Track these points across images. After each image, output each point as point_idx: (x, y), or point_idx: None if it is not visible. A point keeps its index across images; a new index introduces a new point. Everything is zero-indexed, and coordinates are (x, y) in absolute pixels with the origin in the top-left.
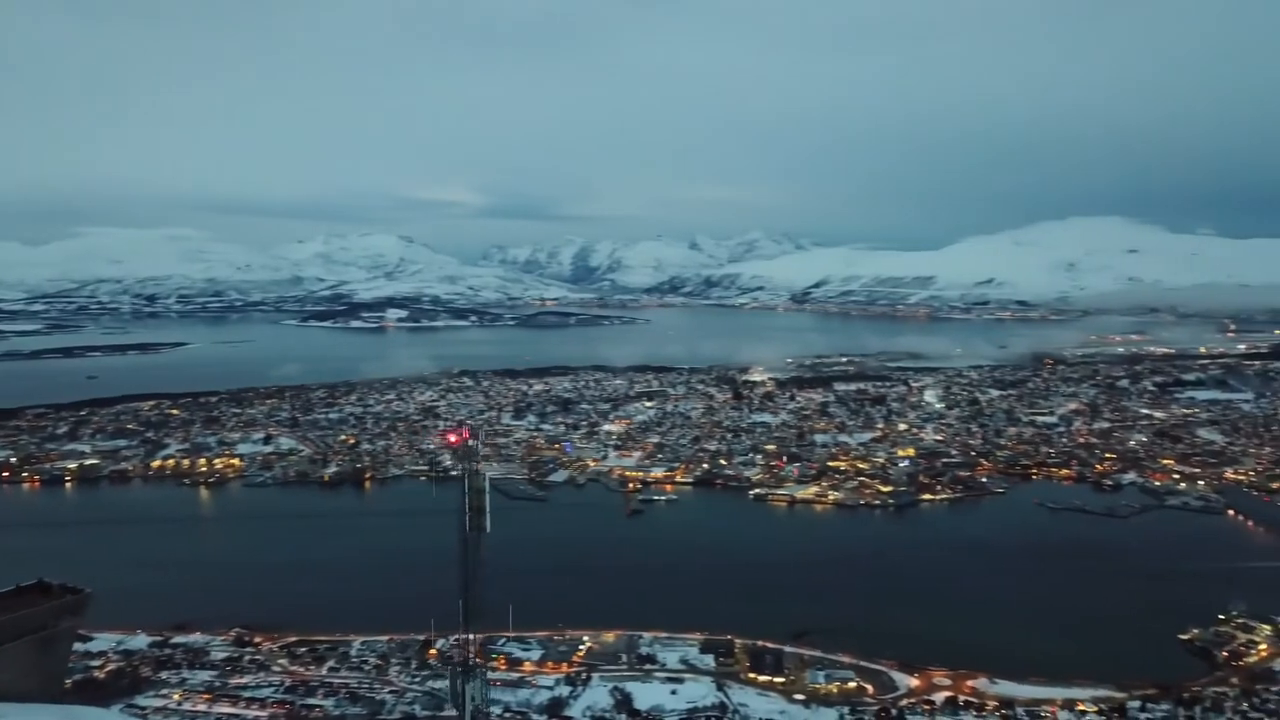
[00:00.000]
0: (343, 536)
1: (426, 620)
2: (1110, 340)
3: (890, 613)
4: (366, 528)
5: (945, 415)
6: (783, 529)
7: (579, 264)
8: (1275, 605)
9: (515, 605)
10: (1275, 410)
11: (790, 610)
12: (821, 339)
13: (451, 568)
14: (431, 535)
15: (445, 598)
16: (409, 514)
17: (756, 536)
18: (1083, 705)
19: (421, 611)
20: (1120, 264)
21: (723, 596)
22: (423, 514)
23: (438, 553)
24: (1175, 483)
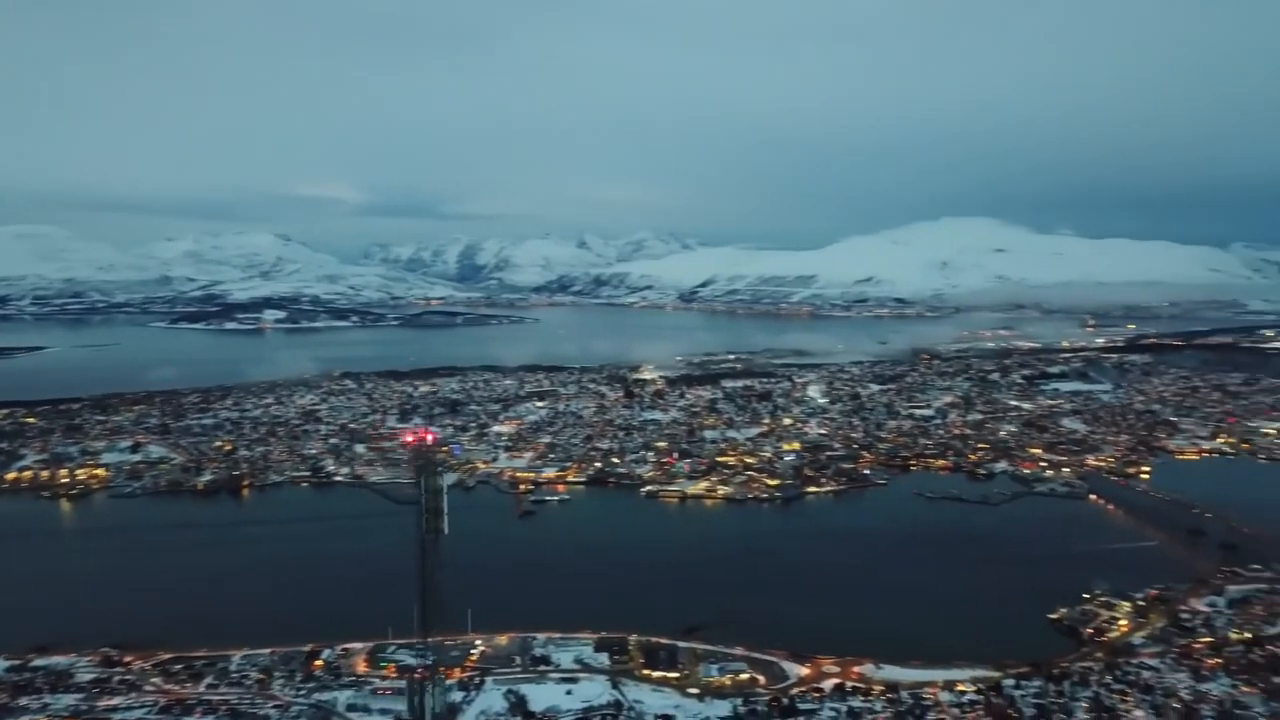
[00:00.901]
0: (220, 547)
1: (312, 630)
2: (981, 335)
3: (780, 604)
4: (246, 537)
5: (828, 410)
6: (674, 525)
7: (465, 263)
8: (1134, 583)
9: (405, 611)
10: (1131, 400)
11: (683, 605)
12: (710, 337)
13: (342, 575)
14: (317, 542)
15: (335, 605)
16: (291, 522)
17: (649, 533)
18: (962, 686)
19: (307, 621)
20: (989, 263)
21: (616, 594)
22: (306, 521)
23: (325, 560)
24: (1042, 470)
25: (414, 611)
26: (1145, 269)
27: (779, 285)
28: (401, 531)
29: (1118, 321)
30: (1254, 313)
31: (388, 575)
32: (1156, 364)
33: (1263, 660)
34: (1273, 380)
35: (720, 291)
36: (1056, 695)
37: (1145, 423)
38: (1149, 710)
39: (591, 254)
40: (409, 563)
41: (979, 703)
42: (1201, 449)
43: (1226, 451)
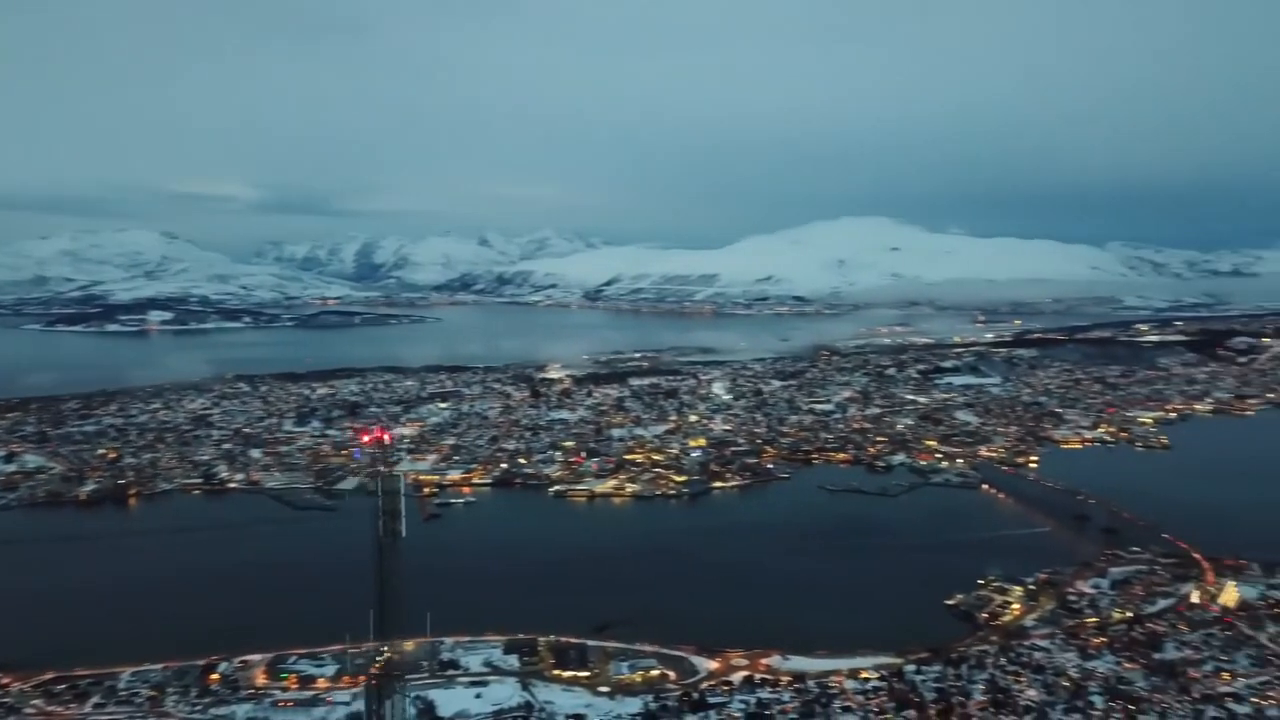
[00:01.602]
0: (106, 560)
1: (208, 642)
2: (878, 332)
3: (688, 599)
4: (133, 548)
5: (733, 406)
6: (583, 524)
7: (363, 261)
8: (1025, 568)
9: (307, 620)
10: (1019, 393)
11: (593, 604)
12: (616, 335)
13: (239, 584)
14: (211, 552)
15: (232, 616)
16: (182, 531)
17: (557, 533)
18: (866, 673)
19: (201, 634)
20: (884, 261)
21: (525, 595)
22: (199, 530)
23: (220, 570)
24: (938, 461)
25: (371, 616)
26: (1030, 267)
27: (682, 284)
28: (304, 537)
29: (1006, 317)
30: (1129, 308)
31: (290, 583)
32: (1042, 358)
33: (1143, 637)
34: (1148, 372)
35: (625, 290)
36: (955, 678)
37: (1032, 414)
38: (1041, 689)
39: (494, 252)
40: (313, 569)
41: (882, 689)
42: (1084, 438)
43: (1107, 440)
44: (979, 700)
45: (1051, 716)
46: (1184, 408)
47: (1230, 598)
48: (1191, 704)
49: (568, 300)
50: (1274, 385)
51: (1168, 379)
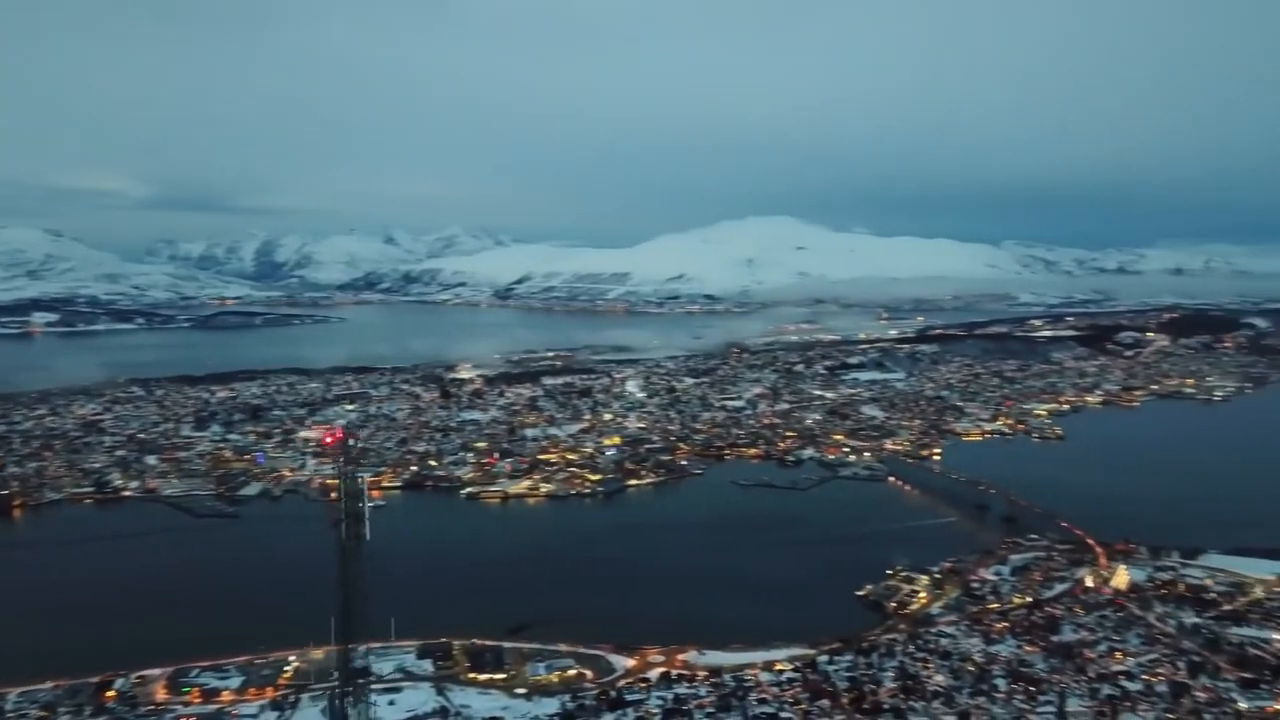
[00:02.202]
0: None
1: (103, 658)
2: (786, 329)
3: (605, 597)
4: (18, 562)
5: (646, 404)
6: (497, 525)
7: (263, 260)
8: (930, 557)
9: (211, 632)
10: (922, 387)
11: (508, 605)
12: (528, 334)
13: (136, 596)
14: (105, 563)
15: (129, 630)
16: (73, 543)
17: (471, 535)
18: (780, 665)
19: (96, 650)
20: (791, 260)
21: (438, 599)
22: (91, 541)
23: (115, 582)
24: (846, 455)
25: (331, 622)
26: (931, 265)
27: (594, 282)
28: (206, 546)
29: (908, 314)
30: (1024, 304)
31: (191, 593)
32: (943, 353)
33: (1042, 621)
34: (1042, 366)
35: (536, 288)
36: (866, 667)
37: (935, 408)
38: (948, 674)
39: (400, 250)
40: (216, 578)
41: (797, 680)
42: (984, 430)
43: (1005, 432)
44: (890, 687)
45: (958, 700)
46: (1076, 400)
47: (1121, 580)
48: (1088, 683)
49: (477, 299)
50: (1158, 377)
51: (1061, 372)
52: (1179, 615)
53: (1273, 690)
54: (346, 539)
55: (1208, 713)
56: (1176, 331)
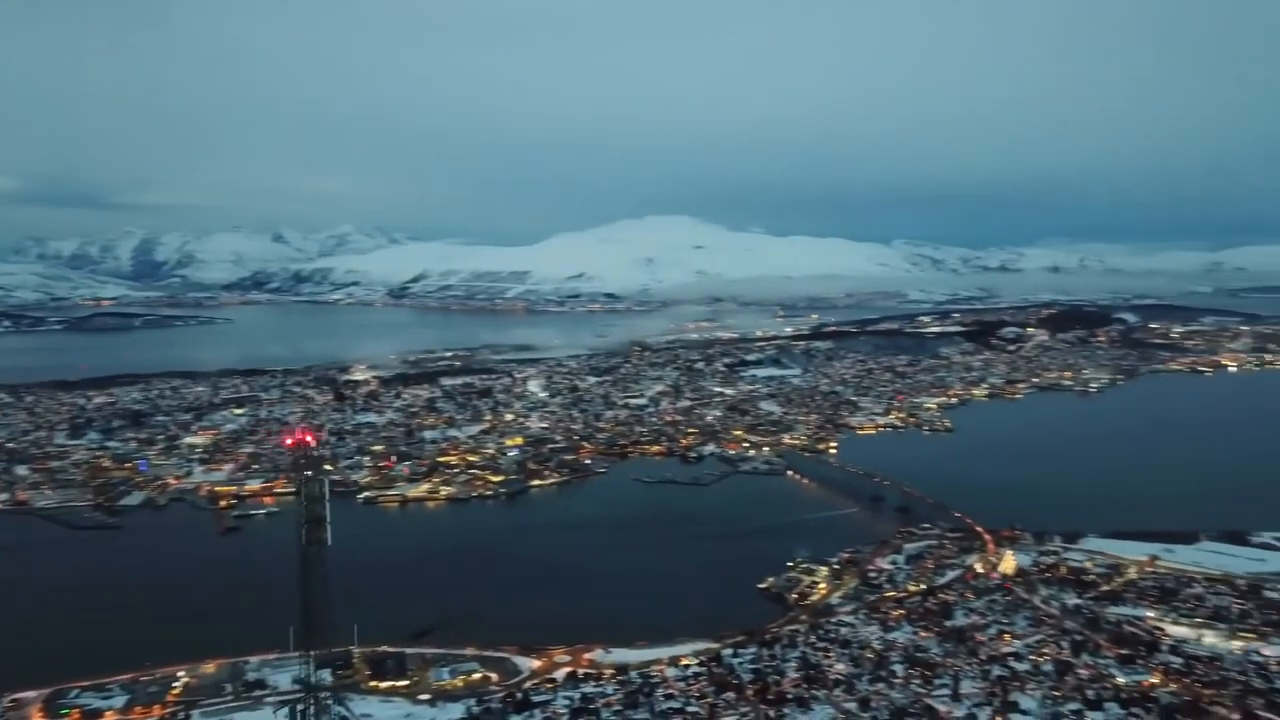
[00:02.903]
0: None
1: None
2: (687, 328)
3: (509, 599)
4: None
5: (549, 403)
6: (396, 530)
7: (142, 258)
8: (829, 549)
9: (92, 649)
10: (818, 383)
11: (410, 610)
12: (425, 334)
13: (8, 615)
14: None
15: (8, 649)
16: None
17: (368, 540)
18: (686, 660)
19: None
20: (690, 259)
21: (337, 606)
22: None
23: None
24: (746, 451)
25: (292, 629)
26: (824, 264)
27: (493, 281)
28: (84, 559)
29: (803, 312)
30: (913, 301)
31: (70, 608)
32: (837, 349)
33: (936, 607)
34: (931, 361)
35: (433, 287)
36: (770, 659)
37: (831, 403)
38: (848, 662)
39: (290, 248)
40: (97, 593)
41: (702, 674)
42: (877, 424)
43: (897, 425)
44: (793, 678)
45: (858, 687)
46: (963, 393)
47: (1008, 566)
48: (979, 665)
49: (371, 298)
50: (1038, 371)
51: (948, 367)
52: (1062, 597)
53: (1148, 665)
54: (307, 544)
55: (1090, 689)
56: (1054, 327)
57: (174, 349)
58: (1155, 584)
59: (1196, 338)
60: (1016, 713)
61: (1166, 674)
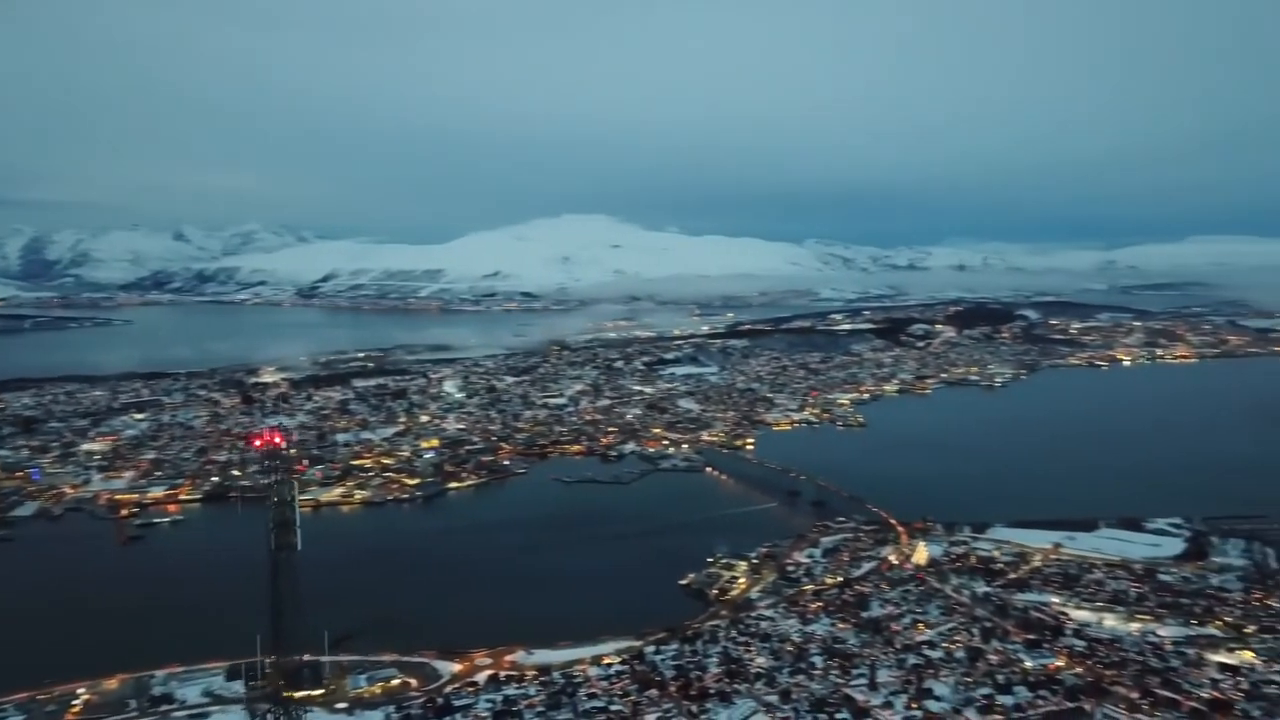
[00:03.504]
0: None
1: None
2: (605, 326)
3: (428, 603)
4: None
5: (465, 404)
6: (309, 535)
7: (31, 257)
8: (748, 544)
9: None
10: (734, 380)
11: (325, 617)
12: (337, 334)
13: None
14: None
15: None
16: None
17: None
18: (608, 659)
19: None
20: (607, 258)
21: (248, 616)
22: None
23: None
24: (665, 448)
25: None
26: (738, 263)
27: (406, 280)
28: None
29: (719, 310)
30: (825, 300)
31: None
32: (753, 347)
33: (852, 599)
34: (843, 357)
35: (343, 287)
36: (691, 655)
37: (747, 400)
38: (769, 656)
39: (192, 247)
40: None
41: (625, 672)
42: (793, 420)
43: (812, 421)
44: (715, 673)
45: (779, 680)
46: (875, 389)
47: (921, 556)
48: (895, 654)
49: (279, 298)
50: (946, 366)
51: (860, 363)
52: (972, 585)
53: (1053, 649)
54: (276, 549)
55: (999, 673)
56: (961, 323)
57: (68, 352)
58: (1059, 571)
59: (1093, 333)
60: (931, 699)
61: (1070, 657)
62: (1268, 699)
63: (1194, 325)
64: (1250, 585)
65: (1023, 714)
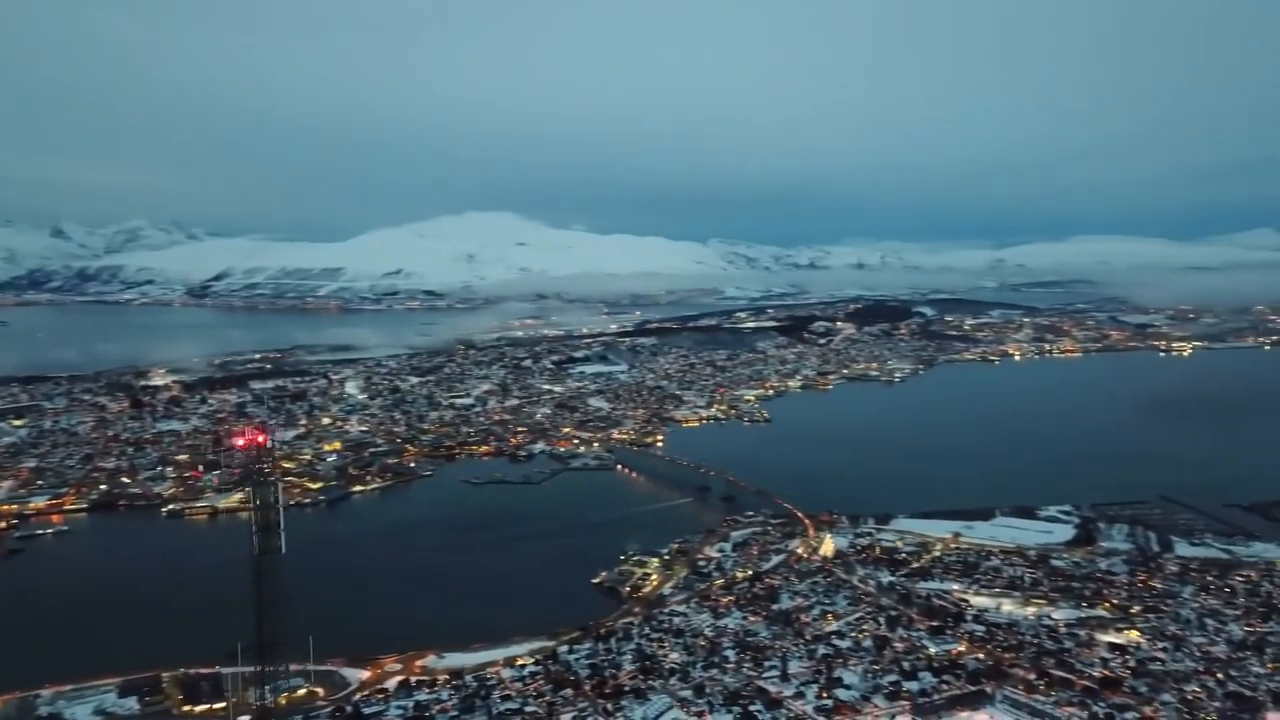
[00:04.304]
0: None
1: None
2: (512, 325)
3: (334, 610)
4: None
5: (369, 405)
6: (206, 544)
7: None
8: (660, 540)
9: None
10: (644, 378)
11: (225, 628)
12: (232, 335)
13: None
14: None
15: None
16: None
17: (175, 556)
18: (522, 659)
19: None
20: (512, 255)
21: (142, 629)
22: None
23: None
24: (576, 447)
25: None
26: (645, 261)
27: (304, 278)
28: None
29: (627, 309)
30: (730, 298)
31: None
32: (661, 345)
33: (763, 592)
34: (749, 355)
35: (238, 286)
36: (606, 653)
37: (656, 397)
38: (682, 651)
39: (72, 245)
40: None
41: (539, 673)
42: (701, 416)
43: (720, 417)
44: (629, 670)
45: (693, 675)
46: (779, 385)
47: (828, 549)
48: (805, 645)
49: (169, 298)
50: (847, 362)
51: (765, 360)
52: (877, 575)
53: (955, 635)
54: (260, 553)
55: (905, 660)
56: (861, 321)
57: None
58: (958, 559)
59: (986, 329)
60: (841, 688)
61: (972, 641)
62: (1153, 675)
63: (1079, 321)
64: (1134, 568)
65: (928, 699)
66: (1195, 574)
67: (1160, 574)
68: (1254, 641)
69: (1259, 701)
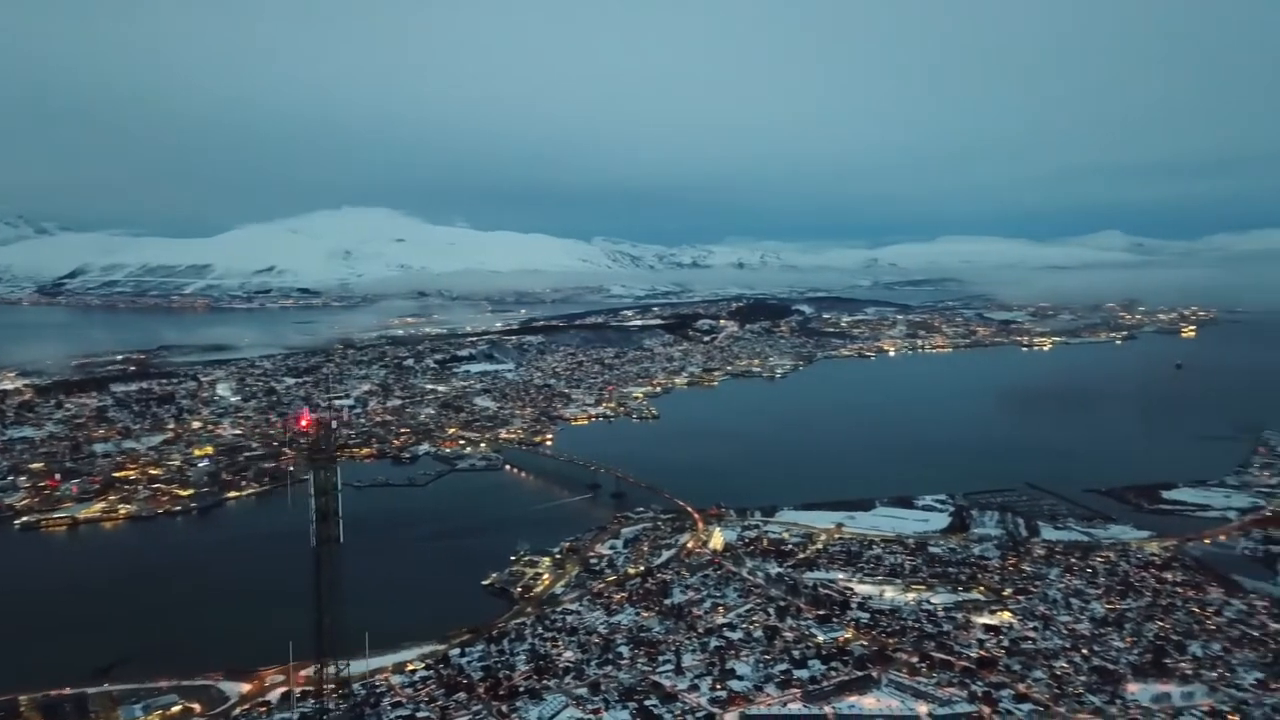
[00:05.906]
0: None
1: None
2: (393, 323)
3: (209, 622)
4: None
5: (243, 408)
6: (65, 557)
7: None
8: (551, 539)
9: None
10: (531, 377)
11: (89, 646)
12: (90, 335)
13: None
14: None
15: None
16: None
17: (28, 572)
18: (412, 665)
19: None
20: (391, 252)
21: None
22: None
23: None
24: (462, 448)
25: None
26: (529, 259)
27: (168, 275)
28: None
29: (512, 306)
30: (615, 296)
31: None
32: (548, 343)
33: (655, 587)
34: (636, 352)
35: (95, 283)
36: (499, 654)
37: (544, 395)
38: (576, 649)
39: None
40: None
41: (430, 678)
42: (590, 414)
43: (609, 415)
44: (523, 670)
45: (588, 672)
46: (666, 382)
47: (717, 542)
48: (699, 638)
49: (16, 296)
50: (731, 359)
51: (652, 358)
52: (765, 567)
53: (842, 622)
54: (319, 543)
55: (795, 649)
56: (743, 318)
57: None
58: (842, 549)
59: (862, 326)
60: (734, 679)
61: (857, 628)
62: (1025, 653)
63: (948, 318)
64: (1005, 553)
65: (818, 685)
66: (1060, 556)
67: (1029, 557)
68: (1114, 618)
69: (1120, 674)
